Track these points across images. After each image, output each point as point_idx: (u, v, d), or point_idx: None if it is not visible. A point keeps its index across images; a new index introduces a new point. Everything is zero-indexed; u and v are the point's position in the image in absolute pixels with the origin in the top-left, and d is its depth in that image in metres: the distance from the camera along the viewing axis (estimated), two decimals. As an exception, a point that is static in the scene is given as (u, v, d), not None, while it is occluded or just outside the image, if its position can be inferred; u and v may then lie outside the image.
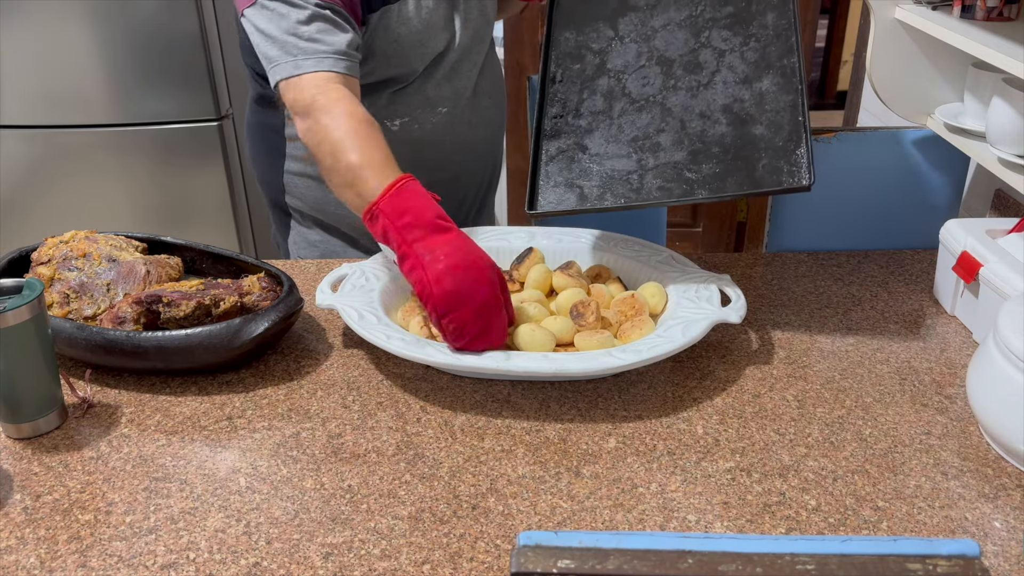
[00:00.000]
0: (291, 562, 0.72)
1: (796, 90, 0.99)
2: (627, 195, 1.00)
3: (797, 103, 0.98)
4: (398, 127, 1.22)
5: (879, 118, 2.10)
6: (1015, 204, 1.41)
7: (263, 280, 1.02)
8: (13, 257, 1.08)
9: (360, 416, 0.90)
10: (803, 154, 0.95)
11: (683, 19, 1.09)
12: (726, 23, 1.07)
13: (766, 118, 0.99)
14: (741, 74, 1.03)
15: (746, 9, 1.07)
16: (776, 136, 0.97)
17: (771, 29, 1.04)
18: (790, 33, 1.03)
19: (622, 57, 1.10)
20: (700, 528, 0.75)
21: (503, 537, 0.74)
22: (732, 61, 1.04)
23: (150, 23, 2.06)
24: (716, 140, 1.00)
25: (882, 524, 0.75)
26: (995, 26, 1.17)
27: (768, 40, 1.04)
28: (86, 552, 0.73)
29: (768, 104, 1.00)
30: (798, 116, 0.97)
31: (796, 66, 1.00)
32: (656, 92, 1.06)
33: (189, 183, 2.25)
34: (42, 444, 0.87)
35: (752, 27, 1.05)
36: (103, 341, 0.93)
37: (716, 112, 1.02)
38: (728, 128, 1.00)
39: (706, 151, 1.00)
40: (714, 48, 1.06)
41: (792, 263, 1.24)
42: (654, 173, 1.00)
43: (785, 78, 1.01)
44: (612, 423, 0.89)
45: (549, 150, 1.07)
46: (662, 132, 1.03)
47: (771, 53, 1.03)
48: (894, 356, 1.01)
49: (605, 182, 1.02)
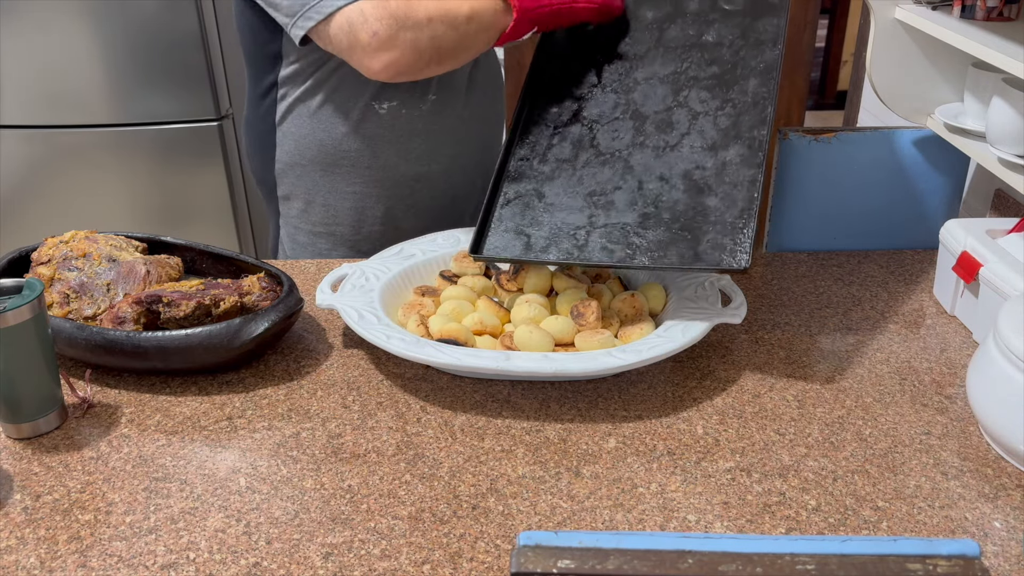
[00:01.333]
0: (291, 562, 0.72)
1: (758, 165, 0.98)
2: (570, 251, 0.99)
3: (756, 179, 0.97)
4: (386, 111, 1.22)
5: (879, 118, 2.10)
6: (1015, 204, 1.41)
7: (263, 280, 1.02)
8: (13, 257, 1.08)
9: (360, 416, 0.90)
10: (748, 235, 0.94)
11: (667, 74, 1.08)
12: (707, 84, 1.05)
13: (723, 190, 0.98)
14: (709, 140, 1.02)
15: (731, 72, 1.05)
16: (728, 211, 0.96)
17: (750, 96, 1.03)
18: (767, 104, 1.01)
19: (599, 107, 1.09)
20: (700, 528, 0.75)
21: (503, 537, 0.74)
22: (703, 125, 1.03)
23: (150, 23, 2.06)
24: (669, 206, 0.99)
25: (882, 524, 0.75)
26: (995, 26, 1.16)
27: (744, 108, 1.02)
28: (86, 552, 0.73)
29: (728, 176, 0.99)
30: (754, 193, 0.96)
31: (764, 139, 0.99)
32: (623, 148, 1.05)
33: (189, 183, 2.25)
34: (42, 444, 0.87)
35: (732, 92, 1.04)
36: (103, 341, 0.93)
37: (675, 177, 1.01)
38: (683, 195, 0.99)
39: (656, 216, 0.98)
40: (689, 109, 1.05)
41: (792, 263, 1.24)
42: (601, 232, 0.99)
43: (751, 151, 0.99)
44: (612, 423, 0.89)
45: (508, 193, 1.06)
46: (618, 190, 1.02)
47: (743, 122, 1.01)
48: (894, 356, 1.01)
49: (553, 233, 1.01)
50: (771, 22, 1.07)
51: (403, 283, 1.08)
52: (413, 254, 1.12)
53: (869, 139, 1.34)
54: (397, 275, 1.08)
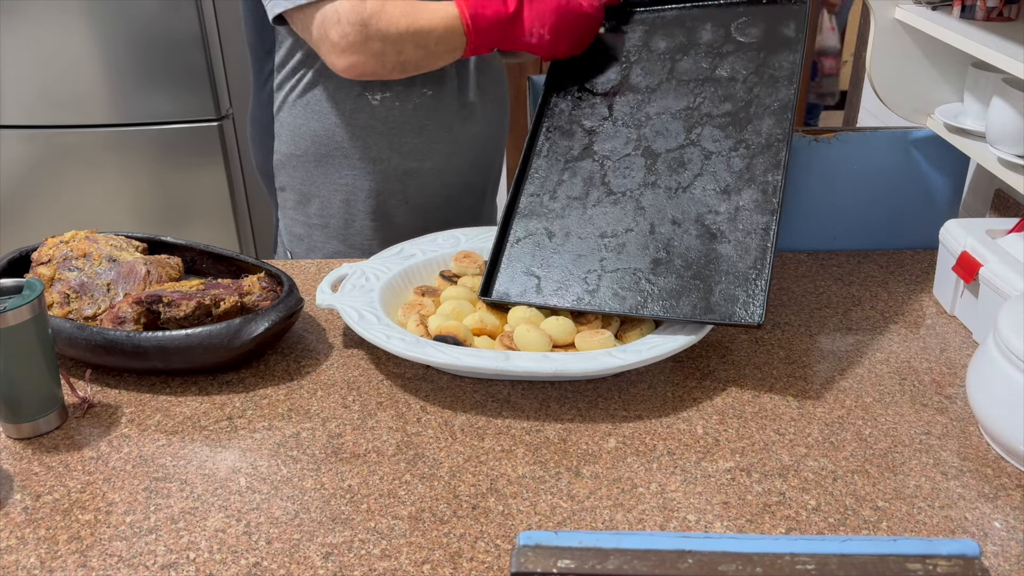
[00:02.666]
0: (291, 562, 0.72)
1: (772, 212, 0.96)
2: (581, 296, 0.98)
3: (770, 227, 0.95)
4: (379, 101, 1.22)
5: (879, 118, 2.10)
6: (1015, 204, 1.41)
7: (263, 280, 1.02)
8: (13, 257, 1.08)
9: (360, 416, 0.91)
10: (762, 287, 0.92)
11: (679, 110, 1.06)
12: (720, 122, 1.03)
13: (735, 237, 0.96)
14: (722, 183, 0.99)
15: (744, 110, 1.03)
16: (741, 260, 0.94)
17: (764, 138, 1.00)
18: (781, 146, 0.99)
19: (611, 141, 1.07)
20: (700, 528, 0.75)
21: (503, 537, 0.74)
22: (717, 166, 1.01)
23: (150, 23, 2.06)
24: (681, 252, 0.97)
25: (882, 524, 0.75)
26: (995, 26, 1.17)
27: (758, 149, 1.00)
28: (86, 552, 0.73)
29: (741, 223, 0.97)
30: (767, 242, 0.94)
31: (778, 185, 0.97)
32: (635, 187, 1.03)
33: (189, 183, 2.25)
34: (42, 444, 0.87)
35: (746, 132, 1.01)
36: (103, 341, 0.93)
37: (688, 221, 0.99)
38: (696, 240, 0.97)
39: (668, 262, 0.97)
40: (702, 148, 1.02)
41: (792, 263, 1.24)
42: (612, 277, 0.98)
43: (765, 196, 0.97)
44: (612, 423, 0.89)
45: (518, 231, 1.05)
46: (630, 232, 1.00)
47: (757, 165, 0.99)
48: (894, 356, 1.01)
49: (564, 277, 1.00)
50: (787, 58, 1.04)
51: (403, 283, 1.08)
52: (413, 254, 1.12)
53: (869, 139, 1.34)
54: (397, 275, 1.08)
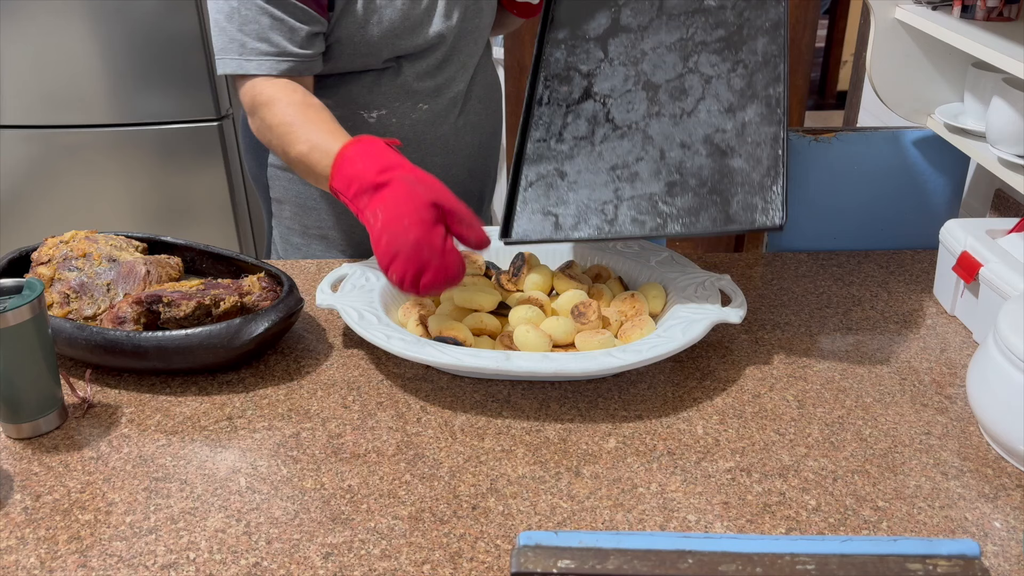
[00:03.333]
0: (291, 562, 0.72)
1: (778, 122, 0.97)
2: (600, 226, 0.99)
3: (778, 136, 0.96)
4: (375, 119, 1.22)
5: (879, 118, 2.10)
6: (1015, 204, 1.42)
7: (263, 280, 1.02)
8: (13, 257, 1.08)
9: (360, 416, 0.91)
10: (778, 192, 0.93)
11: (673, 42, 1.07)
12: (715, 47, 1.05)
13: (745, 150, 0.97)
14: (725, 102, 1.01)
15: (737, 33, 1.04)
16: (754, 170, 0.96)
17: (760, 55, 1.02)
18: (778, 61, 1.00)
19: (609, 80, 1.08)
20: (700, 528, 0.75)
21: (503, 537, 0.74)
22: (718, 88, 1.02)
23: (150, 23, 2.06)
24: (694, 172, 0.99)
25: (882, 524, 0.75)
26: (995, 26, 1.17)
27: (756, 67, 1.02)
28: (86, 552, 0.73)
29: (749, 136, 0.98)
30: (778, 150, 0.96)
31: (781, 96, 0.98)
32: (639, 119, 1.04)
33: (189, 183, 2.25)
34: (42, 444, 0.87)
35: (741, 52, 1.03)
36: (103, 341, 0.93)
37: (696, 143, 1.00)
38: (707, 159, 0.99)
39: (683, 183, 0.98)
40: (701, 74, 1.04)
41: (792, 263, 1.24)
42: (629, 204, 0.99)
43: (769, 108, 0.99)
44: (612, 423, 0.89)
45: (529, 175, 1.06)
46: (641, 161, 1.01)
47: (757, 81, 1.01)
48: (894, 356, 1.01)
49: (580, 211, 1.01)
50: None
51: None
52: (413, 254, 1.12)
53: (869, 139, 1.34)
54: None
